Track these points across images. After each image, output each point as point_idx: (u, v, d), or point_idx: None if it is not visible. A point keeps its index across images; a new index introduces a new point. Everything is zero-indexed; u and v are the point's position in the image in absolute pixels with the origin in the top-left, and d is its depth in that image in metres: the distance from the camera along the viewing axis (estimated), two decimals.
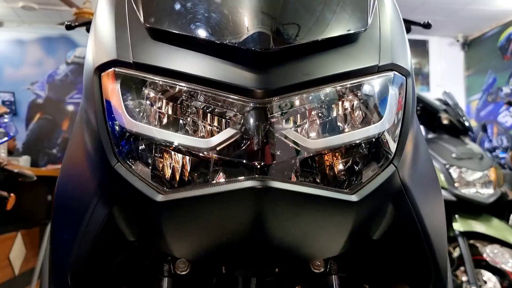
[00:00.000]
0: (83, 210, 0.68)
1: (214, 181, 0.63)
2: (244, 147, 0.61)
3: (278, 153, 0.62)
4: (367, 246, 0.73)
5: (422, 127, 3.05)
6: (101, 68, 0.67)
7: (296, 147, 0.63)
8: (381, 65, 0.67)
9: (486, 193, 2.62)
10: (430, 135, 3.00)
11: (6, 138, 1.84)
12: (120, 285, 0.85)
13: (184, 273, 0.78)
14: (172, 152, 0.64)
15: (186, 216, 0.64)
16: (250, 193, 0.60)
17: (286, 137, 0.62)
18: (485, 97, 6.23)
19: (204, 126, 0.63)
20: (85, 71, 0.73)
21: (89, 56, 0.73)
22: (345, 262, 0.78)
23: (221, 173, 0.63)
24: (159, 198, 0.62)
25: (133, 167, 0.65)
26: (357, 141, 0.65)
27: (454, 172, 2.66)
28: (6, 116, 1.85)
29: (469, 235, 2.60)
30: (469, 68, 6.64)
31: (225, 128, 0.62)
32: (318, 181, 0.65)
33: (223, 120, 0.62)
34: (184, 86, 0.62)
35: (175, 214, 0.64)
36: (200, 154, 0.63)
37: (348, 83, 0.65)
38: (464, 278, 2.62)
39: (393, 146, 0.68)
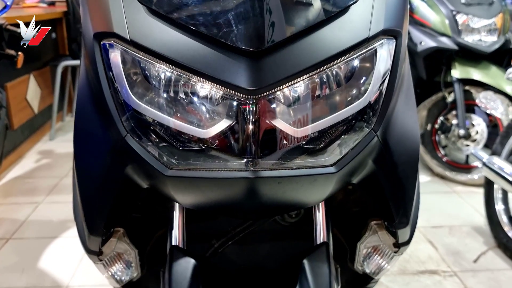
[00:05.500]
0: (99, 167, 0.76)
1: (214, 164, 0.70)
2: (238, 138, 0.67)
3: (269, 144, 0.68)
4: (347, 186, 0.84)
5: None
6: (100, 36, 0.68)
7: (286, 135, 0.68)
8: (371, 36, 0.67)
9: (489, 41, 2.61)
10: None
11: (4, 8, 1.82)
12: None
13: None
14: (176, 132, 0.69)
15: (190, 186, 0.74)
16: (244, 180, 0.69)
17: (277, 128, 0.67)
18: None
19: (202, 114, 0.67)
20: (84, 29, 0.72)
21: (85, 16, 0.72)
22: None
23: (220, 155, 0.69)
24: (168, 172, 0.71)
25: (142, 139, 0.70)
26: (344, 119, 0.68)
27: (460, 19, 2.62)
28: None
29: (465, 81, 2.68)
30: None
31: (222, 118, 0.67)
32: (303, 156, 0.71)
33: (219, 111, 0.67)
34: (181, 77, 0.65)
35: (181, 184, 0.73)
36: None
37: (336, 65, 0.66)
38: (454, 122, 2.78)
39: (375, 113, 0.71)
